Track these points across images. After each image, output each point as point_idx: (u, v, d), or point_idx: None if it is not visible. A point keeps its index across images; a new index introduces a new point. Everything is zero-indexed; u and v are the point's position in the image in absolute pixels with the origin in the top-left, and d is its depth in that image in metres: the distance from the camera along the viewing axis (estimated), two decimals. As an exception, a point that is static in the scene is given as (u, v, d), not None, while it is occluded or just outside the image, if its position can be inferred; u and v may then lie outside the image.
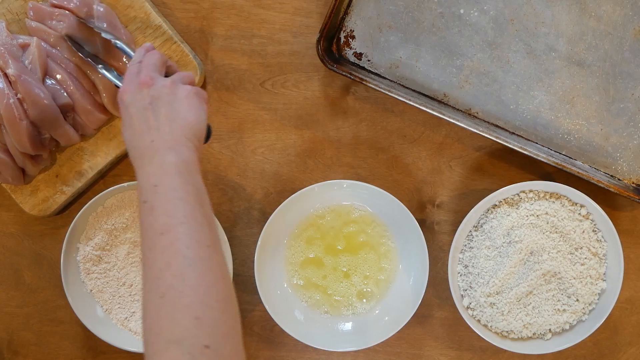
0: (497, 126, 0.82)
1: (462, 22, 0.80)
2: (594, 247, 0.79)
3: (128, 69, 0.68)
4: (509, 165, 0.84)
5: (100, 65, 0.78)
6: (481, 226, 0.81)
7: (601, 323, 0.78)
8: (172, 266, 0.57)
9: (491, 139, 0.79)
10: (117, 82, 0.76)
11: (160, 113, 0.64)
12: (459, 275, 0.81)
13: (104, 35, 0.77)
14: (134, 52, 0.76)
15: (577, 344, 0.79)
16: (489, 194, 0.79)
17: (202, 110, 0.67)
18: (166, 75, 0.70)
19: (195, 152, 0.64)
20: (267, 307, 0.80)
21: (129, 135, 0.65)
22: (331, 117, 0.84)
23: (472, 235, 0.81)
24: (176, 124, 0.64)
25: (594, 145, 0.81)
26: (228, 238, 0.80)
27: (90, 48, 0.79)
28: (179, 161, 0.62)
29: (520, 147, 0.80)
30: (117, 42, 0.77)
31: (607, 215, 0.78)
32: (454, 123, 0.79)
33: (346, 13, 0.81)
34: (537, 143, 0.82)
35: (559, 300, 0.80)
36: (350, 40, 0.82)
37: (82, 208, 0.81)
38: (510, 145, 0.79)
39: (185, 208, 0.60)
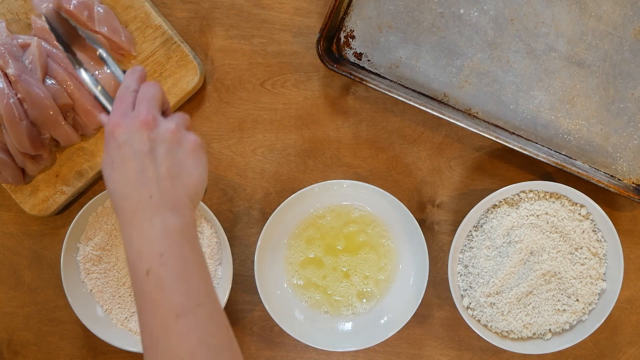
0: (497, 126, 0.82)
1: (462, 22, 0.80)
2: (594, 247, 0.79)
3: (119, 96, 0.60)
4: (509, 165, 0.84)
5: (81, 69, 0.69)
6: (481, 226, 0.81)
7: (601, 323, 0.78)
8: (197, 356, 0.51)
9: (491, 139, 0.79)
10: (104, 100, 0.66)
11: (161, 163, 0.57)
12: (459, 275, 0.81)
13: (88, 41, 0.70)
14: (119, 69, 0.68)
15: (577, 344, 0.79)
16: (489, 194, 0.79)
17: (206, 167, 0.60)
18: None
19: (194, 213, 0.58)
20: (267, 307, 0.80)
21: (119, 180, 0.56)
22: (331, 117, 0.85)
23: (472, 235, 0.81)
24: (179, 180, 0.57)
25: (594, 145, 0.81)
26: (228, 238, 0.80)
27: (67, 37, 0.71)
28: (183, 225, 0.55)
29: (520, 147, 0.80)
30: (103, 53, 0.69)
31: (607, 215, 0.78)
32: (454, 123, 0.79)
33: (346, 13, 0.81)
34: (537, 143, 0.82)
35: (559, 300, 0.80)
36: (350, 40, 0.82)
37: (82, 208, 0.81)
38: (510, 145, 0.79)
39: (201, 286, 0.54)
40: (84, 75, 0.69)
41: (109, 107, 0.65)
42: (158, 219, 0.55)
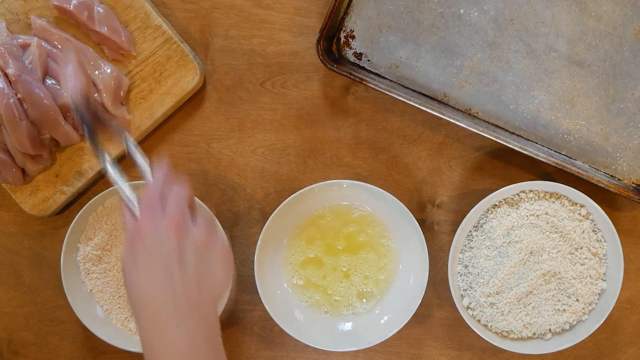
0: (497, 126, 0.82)
1: (462, 22, 0.80)
2: (594, 247, 0.79)
3: (148, 195, 0.59)
4: (509, 165, 0.84)
5: (107, 162, 0.65)
6: (481, 226, 0.81)
7: (601, 323, 0.78)
8: None
9: (491, 139, 0.79)
10: (130, 197, 0.62)
11: (189, 265, 0.56)
12: (459, 275, 0.81)
13: (114, 130, 0.70)
14: (146, 161, 0.65)
15: (577, 344, 0.79)
16: (489, 194, 0.79)
17: (232, 271, 0.60)
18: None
19: (217, 313, 0.58)
20: (267, 307, 0.80)
21: (144, 281, 0.56)
22: (331, 117, 0.84)
23: (472, 235, 0.81)
24: (206, 285, 0.57)
25: (594, 145, 0.81)
26: (228, 238, 0.80)
27: (93, 124, 0.68)
28: (208, 328, 0.56)
29: (520, 147, 0.80)
30: (130, 144, 0.67)
31: (607, 215, 0.78)
32: (454, 123, 0.79)
33: (346, 13, 0.81)
34: (537, 143, 0.82)
35: (559, 300, 0.80)
36: (350, 40, 0.82)
37: (82, 208, 0.81)
38: (510, 145, 0.79)
39: None
40: (108, 168, 0.65)
41: (135, 205, 0.62)
42: (182, 324, 0.55)
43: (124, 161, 0.85)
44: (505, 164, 0.84)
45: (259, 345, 0.86)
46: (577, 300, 0.79)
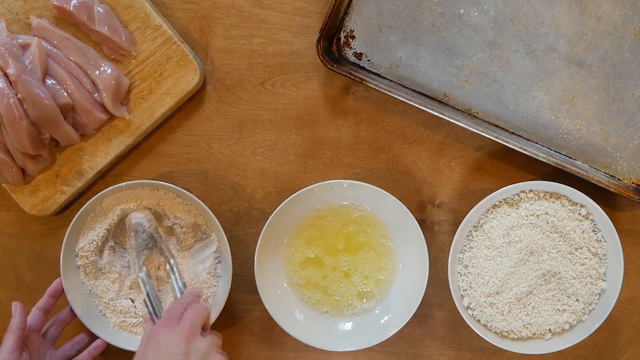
0: (497, 126, 0.82)
1: (462, 22, 0.80)
2: (593, 247, 0.79)
3: (172, 307, 0.71)
4: (509, 165, 0.84)
5: (143, 272, 0.80)
6: (481, 226, 0.81)
7: (601, 323, 0.78)
8: None
9: (491, 139, 0.79)
10: (152, 306, 0.78)
11: None
12: (459, 275, 0.81)
13: (164, 250, 0.81)
14: (181, 282, 0.79)
15: (577, 344, 0.79)
16: (489, 194, 0.79)
17: None
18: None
19: None
20: (267, 307, 0.80)
21: None
22: (331, 117, 0.85)
23: (472, 235, 0.81)
24: None
25: (594, 145, 0.81)
26: (228, 238, 0.80)
27: (146, 243, 0.81)
28: None
29: (520, 147, 0.80)
30: (173, 265, 0.80)
31: (607, 215, 0.78)
32: (454, 123, 0.79)
33: (346, 13, 0.81)
34: (537, 143, 0.82)
35: (558, 300, 0.80)
36: (350, 40, 0.82)
37: (81, 208, 0.81)
38: (510, 145, 0.79)
39: None
40: (144, 276, 0.80)
41: (156, 313, 0.76)
42: None
43: (124, 161, 0.85)
44: (505, 164, 0.84)
45: (259, 345, 0.86)
46: (577, 300, 0.79)
